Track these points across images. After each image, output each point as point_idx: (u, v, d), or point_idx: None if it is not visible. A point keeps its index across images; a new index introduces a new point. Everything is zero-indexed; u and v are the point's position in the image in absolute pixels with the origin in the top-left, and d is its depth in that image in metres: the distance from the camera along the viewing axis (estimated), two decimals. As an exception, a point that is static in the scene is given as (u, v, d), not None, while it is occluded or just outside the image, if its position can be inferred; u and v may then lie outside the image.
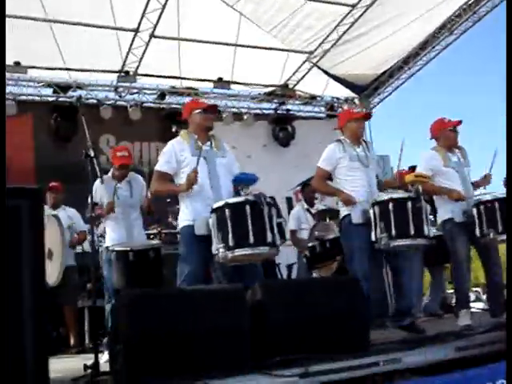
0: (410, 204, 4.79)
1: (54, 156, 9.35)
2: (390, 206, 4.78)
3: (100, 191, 5.66)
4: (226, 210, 4.10)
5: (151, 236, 6.83)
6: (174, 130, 10.14)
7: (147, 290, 3.67)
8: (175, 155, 4.53)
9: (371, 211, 4.87)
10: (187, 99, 10.53)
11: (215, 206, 4.19)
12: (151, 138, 10.07)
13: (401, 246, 4.83)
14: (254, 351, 3.45)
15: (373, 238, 4.83)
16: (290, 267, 8.38)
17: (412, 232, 4.74)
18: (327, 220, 6.81)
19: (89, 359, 3.81)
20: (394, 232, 4.72)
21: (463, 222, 5.30)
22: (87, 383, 3.55)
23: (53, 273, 5.62)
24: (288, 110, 11.40)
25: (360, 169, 5.09)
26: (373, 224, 4.83)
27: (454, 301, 8.14)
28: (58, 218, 6.09)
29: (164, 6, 8.38)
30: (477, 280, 16.12)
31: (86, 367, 3.70)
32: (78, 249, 7.04)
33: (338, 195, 5.13)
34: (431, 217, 5.97)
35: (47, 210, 6.77)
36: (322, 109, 11.88)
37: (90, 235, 5.11)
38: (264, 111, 11.37)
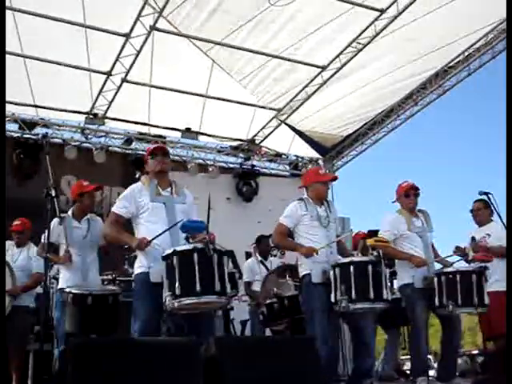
0: (370, 268, 4.83)
1: (14, 192, 9.17)
2: (351, 268, 4.82)
3: (57, 230, 5.54)
4: (174, 258, 4.05)
5: (105, 282, 6.67)
6: (137, 176, 10.15)
7: (98, 338, 3.55)
8: (134, 200, 4.49)
9: (331, 272, 4.89)
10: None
11: (165, 253, 4.14)
12: (114, 182, 9.96)
13: (360, 308, 4.84)
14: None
15: (332, 299, 4.83)
16: (243, 323, 8.29)
17: (372, 296, 4.77)
18: (287, 277, 6.77)
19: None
20: (354, 295, 4.75)
21: (423, 288, 5.33)
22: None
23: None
24: (253, 166, 11.49)
25: (321, 228, 5.13)
26: (333, 286, 4.84)
27: (408, 367, 8.16)
28: (9, 266, 6.03)
29: (139, 52, 8.43)
30: (429, 347, 16.12)
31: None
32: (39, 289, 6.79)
33: (298, 250, 5.15)
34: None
35: (11, 247, 6.63)
36: (287, 167, 12.01)
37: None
38: (229, 165, 11.42)
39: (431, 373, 8.06)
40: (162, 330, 4.66)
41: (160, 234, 4.29)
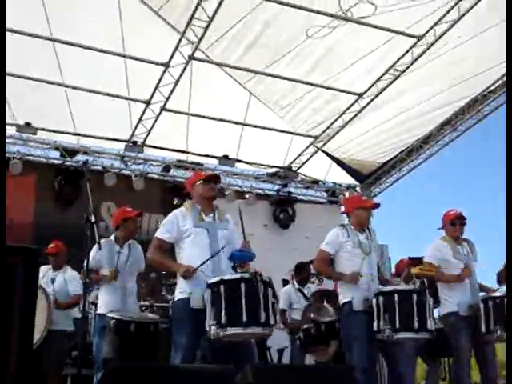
0: (415, 297, 4.79)
1: (54, 217, 9.37)
2: (396, 297, 4.79)
3: (97, 256, 5.63)
4: (221, 287, 4.06)
5: (143, 308, 6.72)
6: (175, 202, 10.24)
7: (137, 363, 3.56)
8: (177, 225, 4.51)
9: (374, 301, 4.85)
10: (191, 173, 10.67)
11: (211, 281, 4.14)
12: (152, 209, 10.05)
13: (404, 338, 4.78)
14: None
15: (375, 327, 4.79)
16: (280, 351, 8.21)
17: (416, 325, 4.74)
18: (324, 302, 6.74)
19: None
20: (398, 324, 4.71)
21: (467, 316, 5.27)
22: None
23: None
24: (290, 193, 11.48)
25: (361, 256, 5.08)
26: (375, 314, 4.81)
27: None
28: (44, 291, 6.14)
29: (177, 82, 8.59)
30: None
31: None
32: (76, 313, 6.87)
33: (341, 278, 5.11)
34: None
35: (48, 272, 6.75)
36: (324, 194, 11.98)
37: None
38: (266, 191, 11.44)
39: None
40: (196, 357, 4.66)
41: (205, 262, 4.31)
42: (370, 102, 9.47)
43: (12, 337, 2.17)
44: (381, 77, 9.03)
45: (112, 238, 6.00)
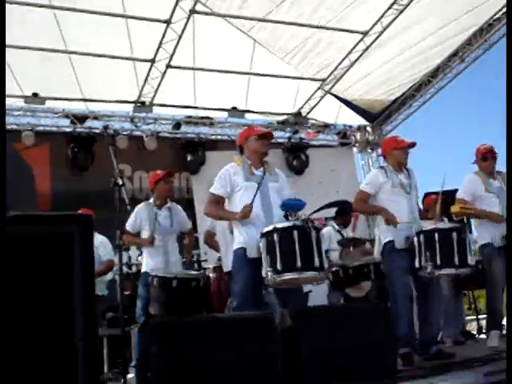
0: (454, 235, 4.87)
1: (71, 184, 9.45)
2: (436, 235, 4.87)
3: (141, 215, 5.88)
4: (275, 235, 4.20)
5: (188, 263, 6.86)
6: (188, 158, 10.29)
7: (177, 317, 3.68)
8: (230, 180, 4.66)
9: (415, 239, 4.95)
10: (202, 128, 10.69)
11: (265, 230, 4.30)
12: (167, 167, 10.02)
13: (445, 274, 4.91)
14: (286, 378, 3.46)
15: (416, 264, 4.91)
16: (305, 295, 8.36)
17: (457, 262, 4.83)
18: (351, 248, 6.87)
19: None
20: (439, 261, 4.81)
21: (501, 247, 5.36)
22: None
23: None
24: (301, 139, 11.46)
25: (402, 195, 5.18)
26: (417, 252, 4.91)
27: (476, 328, 8.14)
28: None
29: (180, 37, 8.51)
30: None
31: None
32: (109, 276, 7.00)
33: (381, 214, 5.19)
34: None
35: None
36: (335, 137, 11.97)
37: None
38: (278, 140, 11.42)
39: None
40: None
41: (254, 196, 4.47)
42: (375, 40, 9.36)
43: (75, 304, 2.26)
44: (384, 13, 8.89)
45: (151, 200, 6.13)
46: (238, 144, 4.97)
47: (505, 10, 9.31)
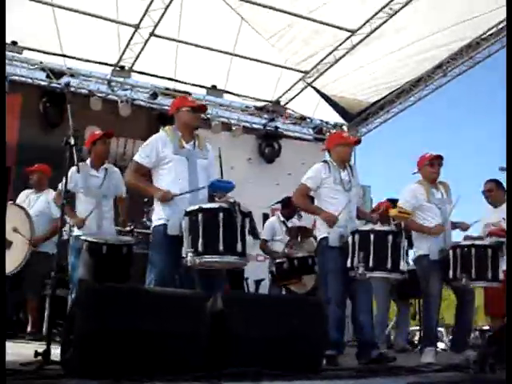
0: (390, 238, 4.86)
1: (38, 139, 9.29)
2: (371, 237, 4.85)
3: (75, 178, 5.65)
4: (199, 215, 4.08)
5: (122, 233, 6.78)
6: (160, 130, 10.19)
7: (108, 284, 3.64)
8: (156, 150, 4.49)
9: (350, 238, 4.92)
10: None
11: (189, 209, 4.17)
12: (137, 135, 9.93)
13: (376, 277, 4.89)
14: (209, 360, 3.44)
15: (348, 264, 4.88)
16: (258, 283, 8.40)
17: (389, 266, 4.82)
18: (298, 238, 6.86)
19: (43, 347, 3.76)
20: (371, 263, 4.79)
21: (438, 260, 5.35)
22: (35, 370, 3.49)
23: (10, 262, 5.54)
24: (277, 128, 11.43)
25: (342, 192, 5.12)
26: (350, 251, 4.88)
27: (417, 337, 8.25)
28: (25, 210, 6.13)
29: (167, 6, 8.40)
30: (442, 320, 16.24)
31: (36, 354, 3.64)
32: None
33: (318, 214, 5.15)
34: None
35: (30, 195, 6.76)
36: (310, 130, 11.96)
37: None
38: (253, 125, 11.40)
39: (441, 345, 8.17)
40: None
41: (183, 194, 4.33)
42: (361, 41, 9.36)
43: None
44: (375, 14, 8.88)
45: (88, 162, 6.01)
46: (170, 113, 4.83)
47: (493, 30, 9.39)
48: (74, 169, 5.09)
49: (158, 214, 4.47)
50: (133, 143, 9.97)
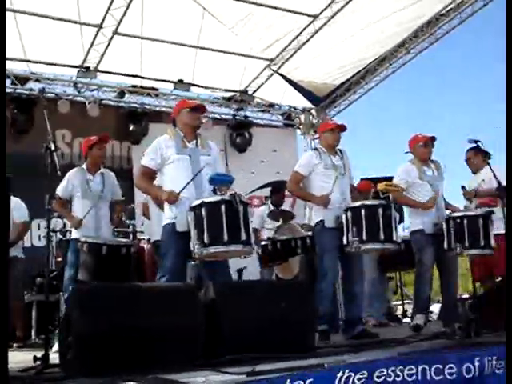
0: (380, 211, 5.04)
1: (8, 147, 9.16)
2: (362, 211, 5.04)
3: (73, 181, 5.83)
4: (203, 209, 4.24)
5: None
6: (131, 128, 10.19)
7: (102, 283, 3.70)
8: (161, 152, 4.65)
9: (344, 216, 5.12)
10: (146, 99, 10.59)
11: (193, 204, 4.32)
12: (108, 135, 9.94)
13: (371, 249, 5.05)
14: (206, 349, 3.53)
15: (344, 241, 5.07)
16: (240, 271, 8.47)
17: (382, 237, 5.00)
18: (280, 221, 7.00)
19: (35, 353, 3.79)
20: (365, 236, 4.99)
21: (432, 234, 5.56)
22: (36, 375, 3.54)
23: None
24: (246, 117, 11.49)
25: (334, 177, 5.31)
26: (345, 228, 5.08)
27: (400, 311, 8.43)
28: None
29: (129, 4, 8.38)
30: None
31: (35, 359, 3.69)
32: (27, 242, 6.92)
33: (311, 200, 5.41)
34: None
35: None
36: (280, 117, 12.05)
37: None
38: (223, 116, 11.44)
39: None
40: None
41: (187, 185, 4.47)
42: (324, 24, 9.45)
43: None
44: (335, -2, 8.99)
45: (84, 166, 6.09)
46: (172, 116, 4.97)
47: (452, 6, 9.56)
48: (74, 170, 5.15)
49: (167, 214, 4.62)
50: (104, 143, 9.90)
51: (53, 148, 4.14)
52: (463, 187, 6.35)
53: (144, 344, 3.34)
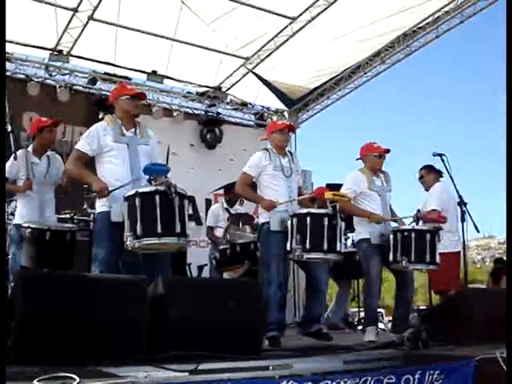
0: (326, 220, 4.98)
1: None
2: (308, 219, 4.97)
3: (14, 167, 5.56)
4: (136, 199, 4.11)
5: (63, 220, 6.70)
6: (100, 116, 10.05)
7: (47, 271, 3.62)
8: (97, 138, 4.51)
9: (289, 222, 5.04)
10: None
11: (127, 194, 4.20)
12: (76, 121, 9.77)
13: (313, 258, 5.01)
14: (150, 344, 3.49)
15: (288, 247, 5.01)
16: (200, 268, 8.45)
17: (325, 247, 4.94)
18: (240, 224, 6.95)
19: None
20: (308, 245, 4.91)
21: (379, 244, 5.54)
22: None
23: None
24: (218, 113, 11.43)
25: (282, 178, 5.27)
26: (289, 234, 5.01)
27: (356, 318, 8.48)
28: None
29: (107, -10, 8.28)
30: (382, 301, 16.68)
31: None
32: None
33: (259, 202, 5.32)
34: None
35: None
36: (252, 116, 12.02)
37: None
38: (194, 111, 11.36)
39: (381, 326, 8.44)
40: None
41: (120, 187, 4.33)
42: (303, 27, 9.46)
43: None
44: (315, 2, 8.99)
45: (30, 148, 5.87)
46: (110, 102, 4.86)
47: (429, 20, 9.66)
48: (12, 157, 5.00)
49: (101, 202, 4.48)
50: (72, 129, 9.80)
51: (9, 129, 4.04)
52: (418, 211, 6.38)
53: (86, 335, 3.29)
